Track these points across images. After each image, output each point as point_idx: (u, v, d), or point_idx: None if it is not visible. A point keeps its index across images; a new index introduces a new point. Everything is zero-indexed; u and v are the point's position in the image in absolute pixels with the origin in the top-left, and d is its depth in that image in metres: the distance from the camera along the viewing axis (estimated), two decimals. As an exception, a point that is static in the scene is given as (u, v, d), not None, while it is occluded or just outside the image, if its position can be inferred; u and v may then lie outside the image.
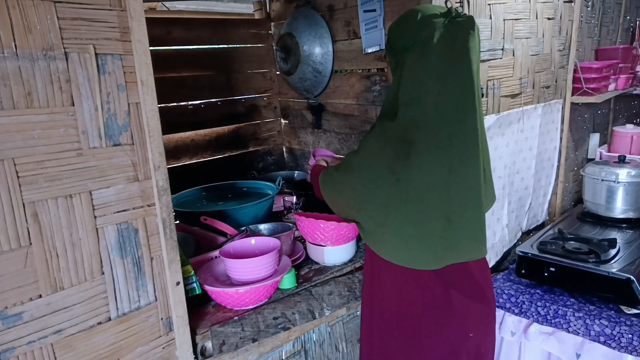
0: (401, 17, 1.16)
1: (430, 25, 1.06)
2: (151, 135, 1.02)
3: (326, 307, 1.37)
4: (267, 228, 1.72)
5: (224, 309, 1.35)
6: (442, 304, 1.21)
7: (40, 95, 0.88)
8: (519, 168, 2.01)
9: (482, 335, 1.29)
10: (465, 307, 1.23)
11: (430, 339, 1.22)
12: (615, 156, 2.30)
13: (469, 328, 1.25)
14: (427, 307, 1.21)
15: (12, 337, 0.90)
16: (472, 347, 1.26)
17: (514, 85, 1.90)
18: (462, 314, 1.23)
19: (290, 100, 2.57)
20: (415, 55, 1.07)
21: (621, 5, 2.70)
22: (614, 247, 1.81)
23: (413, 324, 1.22)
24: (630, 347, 1.53)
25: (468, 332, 1.25)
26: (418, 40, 1.07)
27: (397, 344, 1.24)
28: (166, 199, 1.05)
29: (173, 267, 1.09)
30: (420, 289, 1.20)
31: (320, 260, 1.57)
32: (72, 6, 0.89)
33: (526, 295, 1.81)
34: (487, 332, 1.32)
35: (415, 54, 1.07)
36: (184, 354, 1.15)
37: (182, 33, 2.24)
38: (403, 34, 1.11)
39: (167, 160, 1.08)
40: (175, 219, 1.65)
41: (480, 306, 1.26)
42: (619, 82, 2.46)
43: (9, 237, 0.87)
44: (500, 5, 1.75)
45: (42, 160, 0.90)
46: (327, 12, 2.11)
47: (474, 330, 1.25)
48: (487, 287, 1.29)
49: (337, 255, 1.55)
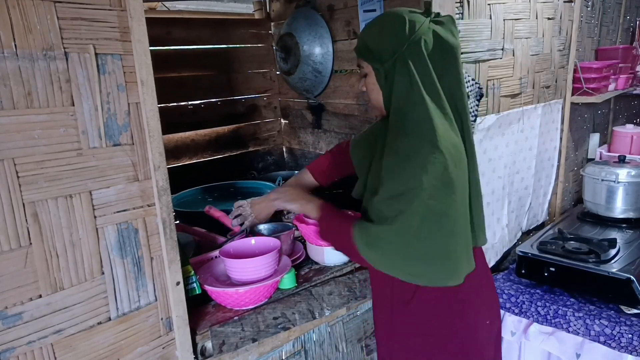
0: (381, 21, 1.13)
1: (420, 27, 1.05)
2: (151, 135, 1.02)
3: (326, 307, 1.37)
4: (267, 228, 1.72)
5: (224, 309, 1.35)
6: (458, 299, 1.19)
7: (40, 95, 0.88)
8: (519, 168, 2.01)
9: (497, 321, 1.31)
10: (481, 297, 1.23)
11: (447, 333, 1.20)
12: (615, 156, 2.30)
13: (487, 315, 1.25)
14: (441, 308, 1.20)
15: (12, 337, 0.90)
16: (493, 335, 1.28)
17: (514, 85, 1.90)
18: (477, 304, 1.23)
19: (290, 100, 2.57)
20: (413, 58, 1.05)
21: (621, 5, 2.70)
22: (614, 247, 1.81)
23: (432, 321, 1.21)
24: (630, 347, 1.53)
25: (486, 320, 1.25)
26: (411, 42, 1.05)
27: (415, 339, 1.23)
28: (166, 199, 1.05)
29: (173, 267, 1.09)
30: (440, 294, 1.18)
31: (320, 260, 1.57)
32: (72, 6, 0.89)
33: (526, 295, 1.81)
34: (499, 321, 1.33)
35: (412, 54, 1.05)
36: (184, 354, 1.15)
37: (182, 33, 2.24)
38: (393, 39, 1.07)
39: (167, 160, 1.08)
40: (175, 219, 1.65)
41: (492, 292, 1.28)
42: (619, 82, 2.46)
43: (9, 237, 0.87)
44: (500, 5, 1.75)
45: (42, 160, 0.89)
46: (327, 12, 2.11)
47: (490, 318, 1.26)
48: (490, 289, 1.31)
49: (337, 255, 1.54)
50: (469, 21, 1.64)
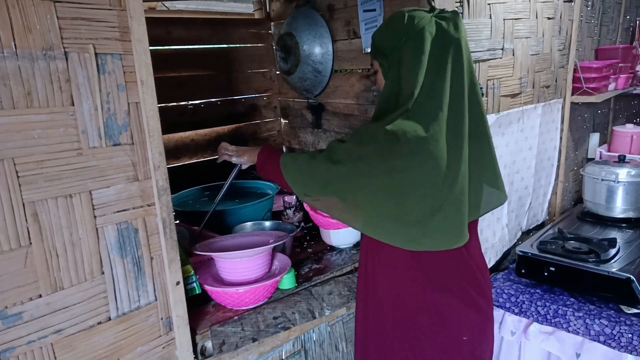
0: (386, 21, 1.21)
1: (419, 21, 1.09)
2: (151, 135, 1.02)
3: (326, 306, 1.38)
4: (268, 227, 1.73)
5: (224, 309, 1.35)
6: (435, 308, 1.19)
7: (40, 95, 0.88)
8: (518, 168, 2.01)
9: (477, 338, 1.26)
10: (461, 312, 1.21)
11: (423, 342, 1.21)
12: (615, 156, 2.30)
13: (464, 332, 1.23)
14: (419, 311, 1.19)
15: (12, 336, 0.90)
16: (467, 351, 1.24)
17: (514, 85, 1.90)
18: (456, 318, 1.21)
19: (290, 100, 2.57)
20: (410, 51, 1.09)
21: (621, 4, 2.69)
22: (614, 247, 1.81)
23: (407, 325, 1.21)
24: (630, 347, 1.53)
25: (462, 336, 1.23)
26: (410, 35, 1.09)
27: (392, 343, 1.24)
28: (166, 199, 1.05)
29: (173, 266, 1.10)
30: (411, 291, 1.19)
31: (328, 241, 1.75)
32: (71, 6, 0.89)
33: (526, 294, 1.81)
34: (484, 336, 1.29)
35: (409, 49, 1.09)
36: (184, 353, 1.15)
37: (182, 33, 2.24)
38: (393, 34, 1.13)
39: (167, 160, 1.08)
40: (175, 218, 1.65)
41: (477, 310, 1.24)
42: (619, 81, 2.46)
43: (8, 237, 0.87)
44: (500, 5, 1.75)
45: (42, 160, 0.90)
46: (327, 11, 2.11)
47: (468, 334, 1.23)
48: (487, 288, 1.28)
49: (341, 237, 1.71)
50: (469, 21, 1.64)
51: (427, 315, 1.20)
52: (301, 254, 1.71)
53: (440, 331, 1.21)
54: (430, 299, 1.19)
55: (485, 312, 1.27)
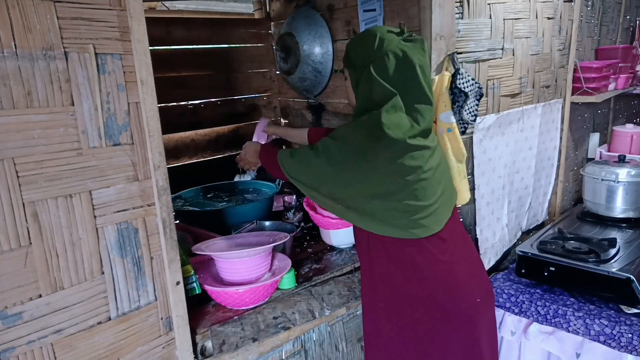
0: (360, 36, 1.32)
1: (389, 44, 1.21)
2: (151, 135, 1.02)
3: (326, 306, 1.38)
4: (269, 226, 1.73)
5: (224, 309, 1.35)
6: (439, 305, 1.26)
7: (40, 95, 0.88)
8: (518, 168, 2.01)
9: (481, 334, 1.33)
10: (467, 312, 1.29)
11: (433, 340, 1.27)
12: (615, 156, 2.30)
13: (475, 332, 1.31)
14: (424, 306, 1.27)
15: (12, 336, 0.90)
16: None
17: (514, 85, 1.90)
18: (462, 314, 1.27)
19: (290, 100, 2.57)
20: (378, 67, 1.20)
21: (621, 4, 2.69)
22: (614, 247, 1.81)
23: (412, 321, 1.27)
24: (630, 347, 1.53)
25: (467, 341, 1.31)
26: (378, 56, 1.21)
27: (405, 338, 1.29)
28: (166, 199, 1.05)
29: (173, 266, 1.10)
30: (412, 282, 1.26)
31: (328, 241, 1.76)
32: (71, 6, 0.89)
33: (526, 294, 1.81)
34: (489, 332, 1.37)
35: (377, 66, 1.21)
36: (184, 353, 1.15)
37: (182, 33, 2.24)
38: (364, 52, 1.25)
39: (167, 160, 1.08)
40: (175, 218, 1.65)
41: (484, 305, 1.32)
42: (619, 81, 2.45)
43: (8, 237, 0.87)
44: (500, 5, 1.74)
45: (42, 160, 0.90)
46: (327, 11, 2.11)
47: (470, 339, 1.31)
48: (489, 286, 1.34)
49: (341, 237, 1.72)
50: (469, 21, 1.64)
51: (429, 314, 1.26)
52: (301, 254, 1.71)
53: (443, 333, 1.27)
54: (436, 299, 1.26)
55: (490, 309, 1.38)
